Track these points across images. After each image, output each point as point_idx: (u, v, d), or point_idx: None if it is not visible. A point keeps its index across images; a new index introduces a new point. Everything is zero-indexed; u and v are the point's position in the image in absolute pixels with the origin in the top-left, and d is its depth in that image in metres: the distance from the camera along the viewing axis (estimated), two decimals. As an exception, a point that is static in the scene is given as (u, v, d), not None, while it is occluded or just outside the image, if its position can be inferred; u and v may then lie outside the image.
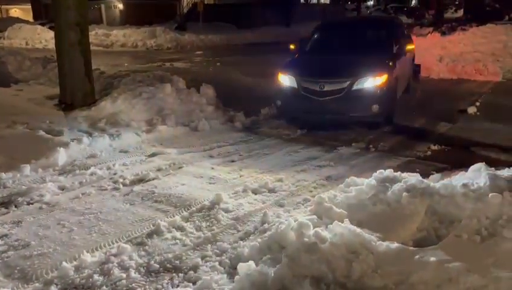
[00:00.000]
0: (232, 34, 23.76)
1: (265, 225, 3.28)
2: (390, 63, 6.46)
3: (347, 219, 2.86)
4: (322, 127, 6.43)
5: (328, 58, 6.88)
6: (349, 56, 6.66)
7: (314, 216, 3.07)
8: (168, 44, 20.83)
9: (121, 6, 29.46)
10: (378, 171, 3.60)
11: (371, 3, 47.09)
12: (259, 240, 2.96)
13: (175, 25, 25.67)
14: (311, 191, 4.05)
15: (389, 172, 3.57)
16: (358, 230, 2.65)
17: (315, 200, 3.32)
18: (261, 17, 27.62)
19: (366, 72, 6.07)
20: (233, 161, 5.02)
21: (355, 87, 6.01)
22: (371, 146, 5.59)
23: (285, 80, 6.47)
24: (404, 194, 3.05)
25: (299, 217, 3.11)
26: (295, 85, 6.31)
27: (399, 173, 3.57)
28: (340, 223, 2.77)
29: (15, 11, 36.97)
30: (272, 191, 4.05)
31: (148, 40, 21.37)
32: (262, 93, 8.28)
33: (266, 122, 6.88)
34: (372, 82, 6.05)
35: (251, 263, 2.59)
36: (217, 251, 2.99)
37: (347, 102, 6.00)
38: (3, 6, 36.92)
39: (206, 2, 28.72)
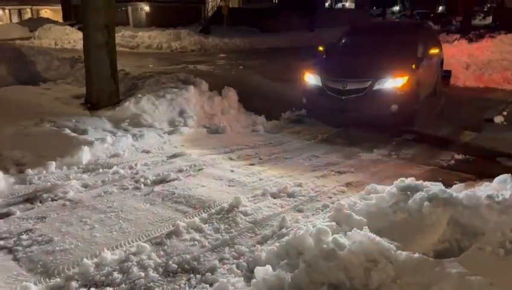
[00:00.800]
0: (255, 38, 23.86)
1: (284, 230, 3.27)
2: (413, 66, 6.61)
3: (366, 227, 2.83)
4: (343, 133, 6.42)
5: (353, 59, 7.14)
6: (373, 58, 6.89)
7: (333, 223, 3.05)
8: (192, 46, 21.07)
9: (147, 8, 29.98)
10: (399, 179, 3.55)
11: (396, 8, 46.56)
12: (277, 244, 2.96)
13: (199, 28, 25.96)
14: (330, 197, 4.03)
15: (410, 180, 3.52)
16: (378, 238, 2.62)
17: (334, 207, 3.30)
18: (285, 22, 27.66)
19: (387, 73, 6.37)
20: (253, 164, 5.04)
21: (376, 87, 6.31)
22: (392, 153, 5.52)
23: (311, 78, 6.91)
24: (426, 203, 3.00)
25: (318, 223, 3.10)
26: (320, 84, 6.72)
27: (421, 181, 3.51)
28: (359, 230, 2.74)
29: (45, 12, 38.04)
30: (291, 195, 4.04)
31: (172, 42, 21.66)
32: (284, 97, 8.28)
33: (287, 126, 6.88)
34: (393, 83, 6.32)
35: (268, 267, 2.59)
36: (235, 254, 3.00)
37: (367, 101, 6.31)
38: (34, 7, 38.04)
39: (230, 6, 28.95)
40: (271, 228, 3.40)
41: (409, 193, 3.28)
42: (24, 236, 3.24)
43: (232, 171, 4.77)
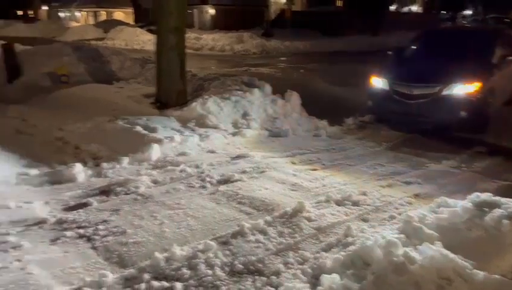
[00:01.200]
0: (317, 42, 23.67)
1: (349, 239, 3.23)
2: (486, 72, 6.38)
3: (439, 242, 2.72)
4: (409, 141, 6.23)
5: (423, 64, 6.98)
6: (444, 63, 6.68)
7: (402, 235, 2.96)
8: (254, 49, 21.32)
9: (212, 11, 30.79)
10: (474, 194, 3.38)
11: (468, 12, 44.19)
12: (342, 253, 2.92)
13: (262, 31, 26.20)
14: (397, 209, 3.91)
15: (487, 196, 3.33)
16: (452, 255, 2.51)
17: (403, 219, 3.20)
18: (348, 26, 27.17)
19: (457, 78, 6.18)
20: (315, 170, 5.01)
21: (444, 92, 6.16)
22: (463, 165, 5.25)
23: (378, 82, 6.87)
24: (505, 221, 2.83)
25: (386, 234, 3.02)
26: (387, 87, 6.68)
27: (498, 197, 3.31)
28: (431, 245, 2.65)
29: (118, 14, 40.30)
30: (355, 204, 3.97)
31: (235, 44, 22.06)
32: (346, 102, 8.16)
33: (350, 132, 6.77)
34: (463, 89, 6.12)
35: (335, 276, 2.57)
36: (299, 259, 3.01)
37: (435, 106, 6.15)
38: (108, 9, 40.45)
39: (293, 9, 28.96)
40: (335, 235, 3.36)
41: (485, 209, 3.11)
42: (101, 226, 3.45)
43: (294, 175, 4.77)
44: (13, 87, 8.32)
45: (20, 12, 41.16)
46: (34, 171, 4.49)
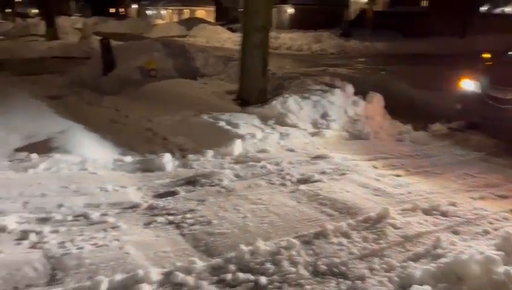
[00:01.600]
0: (398, 43, 22.73)
1: (439, 250, 3.07)
2: None
3: (545, 264, 2.50)
4: (502, 150, 5.78)
5: None
6: None
7: (502, 252, 2.75)
8: (331, 49, 21.02)
9: (291, 10, 30.83)
10: None
11: None
12: (432, 265, 2.79)
13: (340, 31, 25.74)
14: (491, 223, 3.64)
15: None
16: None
17: (502, 235, 2.99)
18: (432, 27, 25.72)
19: None
20: (399, 176, 4.82)
21: None
22: None
23: (470, 84, 6.52)
24: None
25: (483, 249, 2.83)
26: (479, 91, 6.32)
27: None
28: (536, 266, 2.44)
29: (200, 12, 41.88)
30: (444, 214, 3.77)
31: (313, 44, 21.89)
32: (432, 107, 7.75)
33: (437, 138, 6.42)
34: None
35: (428, 288, 2.46)
36: (385, 267, 2.92)
37: None
38: (191, 8, 42.20)
39: (374, 9, 28.09)
40: (423, 245, 3.21)
41: None
42: (188, 215, 3.61)
43: (377, 180, 4.63)
44: (107, 80, 8.99)
45: (112, 10, 44.29)
46: (128, 158, 4.82)
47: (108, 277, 2.62)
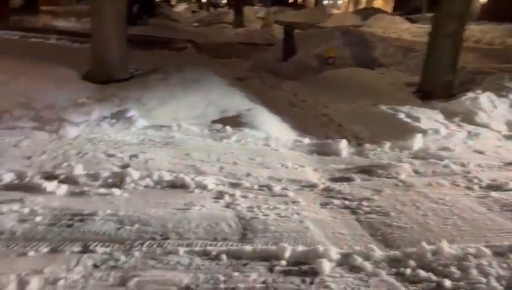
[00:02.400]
0: None
1: None
2: None
3: None
4: None
5: None
6: None
7: None
8: (533, 44, 17.96)
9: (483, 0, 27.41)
10: None
11: None
12: None
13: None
14: None
15: None
16: None
17: None
18: None
19: None
20: None
21: None
22: None
23: None
24: None
25: None
26: None
27: None
28: None
29: (377, 2, 40.50)
30: None
31: (506, 38, 19.05)
32: None
33: None
34: None
35: None
36: None
37: None
38: (369, -2, 41.13)
39: None
40: None
41: None
42: (364, 203, 3.57)
43: None
44: (287, 65, 9.43)
45: (291, 0, 46.09)
46: (306, 140, 5.01)
47: (291, 245, 2.78)
